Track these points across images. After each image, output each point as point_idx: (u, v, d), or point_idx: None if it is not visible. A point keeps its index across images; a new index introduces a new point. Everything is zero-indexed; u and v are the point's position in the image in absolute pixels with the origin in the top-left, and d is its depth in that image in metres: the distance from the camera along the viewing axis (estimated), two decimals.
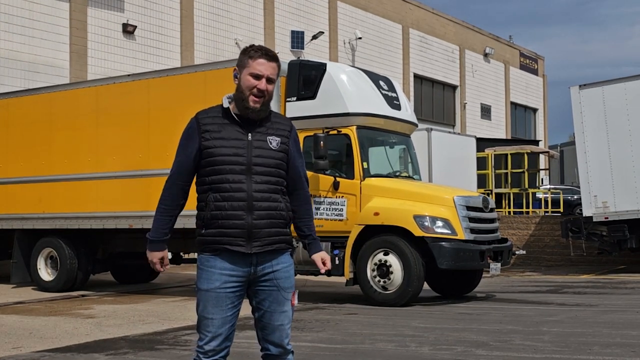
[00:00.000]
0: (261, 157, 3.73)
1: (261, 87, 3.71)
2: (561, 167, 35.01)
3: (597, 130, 16.37)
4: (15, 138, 13.84)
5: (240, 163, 3.69)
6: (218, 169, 3.71)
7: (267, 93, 3.73)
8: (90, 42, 20.15)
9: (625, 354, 6.76)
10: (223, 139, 3.72)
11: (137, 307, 10.98)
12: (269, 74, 3.72)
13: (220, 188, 3.71)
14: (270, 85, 3.74)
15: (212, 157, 3.72)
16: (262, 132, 3.77)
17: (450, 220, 10.81)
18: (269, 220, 3.72)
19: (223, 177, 3.70)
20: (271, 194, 3.74)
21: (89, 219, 12.82)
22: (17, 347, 7.57)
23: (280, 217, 3.77)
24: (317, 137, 10.84)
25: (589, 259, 18.50)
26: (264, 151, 3.74)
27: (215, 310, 3.71)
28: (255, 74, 3.71)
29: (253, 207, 3.69)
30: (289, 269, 3.84)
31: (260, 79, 3.71)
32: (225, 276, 3.71)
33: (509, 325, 8.66)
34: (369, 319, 9.55)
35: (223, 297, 3.71)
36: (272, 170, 3.75)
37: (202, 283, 3.75)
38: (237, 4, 24.80)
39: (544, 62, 45.10)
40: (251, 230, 3.69)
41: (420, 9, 34.19)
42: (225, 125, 3.75)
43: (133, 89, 12.65)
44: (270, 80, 3.73)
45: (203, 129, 3.75)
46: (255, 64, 3.72)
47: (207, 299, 3.72)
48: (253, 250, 3.71)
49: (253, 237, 3.70)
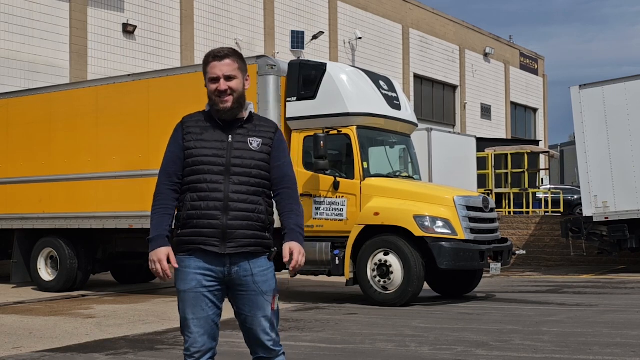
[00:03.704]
0: (240, 158, 3.74)
1: (220, 88, 3.74)
2: (561, 167, 35.03)
3: (598, 130, 16.36)
4: (15, 138, 13.84)
5: (219, 164, 3.72)
6: (197, 169, 3.74)
7: (230, 90, 3.75)
8: (90, 42, 20.14)
9: (625, 354, 6.76)
10: (204, 141, 3.77)
11: (137, 307, 10.98)
12: (224, 73, 3.75)
13: (197, 188, 3.73)
14: (230, 81, 3.76)
15: (193, 158, 3.76)
16: (243, 133, 3.80)
17: (451, 220, 10.81)
18: (245, 222, 3.70)
19: (201, 177, 3.73)
20: (249, 196, 3.73)
21: (89, 219, 12.82)
22: (17, 347, 7.58)
23: (258, 220, 3.74)
24: (317, 137, 10.83)
25: (589, 259, 18.49)
26: (244, 152, 3.75)
27: (196, 311, 3.72)
28: (212, 77, 3.77)
29: (229, 207, 3.68)
30: (268, 273, 3.79)
31: (218, 81, 3.75)
32: (200, 275, 3.72)
33: (509, 325, 8.66)
34: (369, 319, 9.55)
35: (200, 297, 3.72)
36: (252, 171, 3.75)
37: (179, 284, 3.77)
38: (237, 4, 24.79)
39: (544, 62, 45.10)
40: (226, 230, 3.68)
41: (420, 9, 34.18)
42: (207, 127, 3.80)
43: (133, 89, 12.65)
44: (228, 78, 3.75)
45: (186, 132, 3.81)
46: (209, 68, 3.78)
47: (186, 300, 3.73)
48: (227, 251, 3.70)
49: (227, 237, 3.69)
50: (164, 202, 3.82)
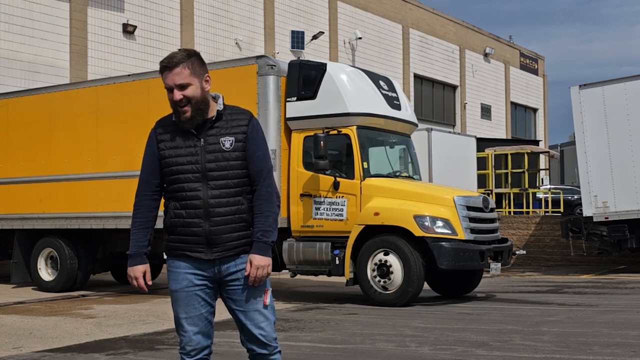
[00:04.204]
0: (214, 162, 3.69)
1: (175, 98, 3.67)
2: (561, 167, 35.03)
3: (597, 130, 16.36)
4: (15, 138, 13.84)
5: (195, 171, 3.69)
6: (175, 179, 3.74)
7: (186, 99, 3.66)
8: (90, 42, 20.14)
9: (625, 354, 6.76)
10: (177, 148, 3.73)
11: (137, 307, 10.98)
12: (175, 82, 3.65)
13: (177, 197, 3.73)
14: (184, 90, 3.65)
15: (169, 167, 3.74)
16: (215, 134, 3.72)
17: (451, 220, 10.81)
18: (227, 226, 3.70)
19: (179, 187, 3.72)
20: (229, 198, 3.70)
21: (89, 219, 12.82)
22: (18, 347, 7.58)
23: (241, 221, 3.73)
24: (317, 137, 10.83)
25: (589, 259, 18.49)
26: (217, 155, 3.70)
27: (188, 309, 3.76)
28: (167, 88, 3.70)
29: (210, 214, 3.68)
30: None
31: (172, 91, 3.68)
32: (191, 275, 3.76)
33: (509, 325, 8.66)
34: (369, 319, 9.55)
35: (192, 295, 3.76)
36: (229, 173, 3.71)
37: (171, 284, 3.83)
38: (237, 4, 24.79)
39: (544, 62, 45.10)
40: (209, 237, 3.69)
41: (420, 9, 34.18)
42: (178, 132, 3.74)
43: (133, 89, 12.65)
44: (181, 87, 3.65)
45: (159, 139, 3.78)
46: (163, 79, 3.71)
47: (178, 299, 3.79)
48: (213, 256, 3.71)
49: (212, 243, 3.70)
50: (143, 215, 3.84)
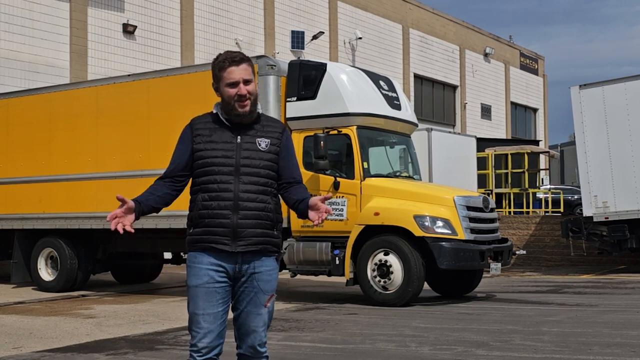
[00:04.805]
0: (249, 159, 3.81)
1: (241, 92, 3.81)
2: (561, 167, 35.01)
3: (597, 130, 16.36)
4: (16, 138, 13.84)
5: (229, 165, 3.79)
6: (207, 171, 3.81)
7: (249, 94, 3.82)
8: (90, 42, 20.15)
9: (625, 354, 6.76)
10: (213, 142, 3.83)
11: (137, 307, 10.98)
12: (243, 77, 3.81)
13: (208, 188, 3.80)
14: (248, 85, 3.82)
15: (203, 160, 3.82)
16: (252, 134, 3.86)
17: (451, 220, 10.81)
18: (254, 221, 3.78)
19: (211, 178, 3.80)
20: (259, 195, 3.80)
21: (89, 219, 12.82)
22: (18, 347, 7.58)
23: (267, 219, 3.82)
24: (317, 137, 10.83)
25: (589, 259, 18.49)
26: (252, 153, 3.82)
27: (206, 306, 3.78)
28: (231, 82, 3.81)
29: (239, 206, 3.76)
30: (272, 273, 3.87)
31: (237, 85, 3.81)
32: (212, 271, 3.78)
33: (509, 325, 8.66)
34: (369, 319, 9.55)
35: (212, 292, 3.78)
36: (261, 171, 3.82)
37: (191, 280, 3.84)
38: (237, 4, 24.79)
39: (544, 62, 45.11)
40: (236, 229, 3.76)
41: (420, 9, 34.18)
42: (215, 129, 3.86)
43: (133, 89, 12.64)
44: (246, 82, 3.82)
45: (195, 133, 3.88)
46: (227, 73, 3.82)
47: (197, 295, 3.80)
48: (237, 249, 3.77)
49: (238, 236, 3.76)
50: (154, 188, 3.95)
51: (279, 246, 3.90)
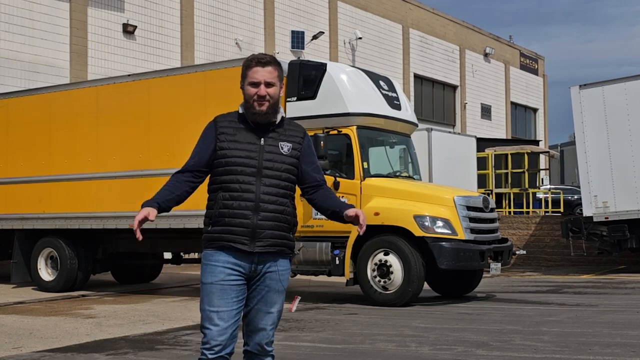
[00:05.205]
0: (272, 162, 3.86)
1: (260, 93, 3.84)
2: (561, 167, 35.03)
3: (597, 130, 16.37)
4: (15, 138, 13.84)
5: (252, 166, 3.83)
6: (230, 170, 3.84)
7: (269, 96, 3.85)
8: (90, 42, 20.15)
9: (625, 354, 6.76)
10: (237, 142, 3.87)
11: (137, 307, 10.98)
12: (265, 79, 3.85)
13: (230, 188, 3.84)
14: (270, 88, 3.86)
15: (225, 159, 3.86)
16: (275, 137, 3.91)
17: (451, 220, 10.81)
18: (273, 223, 3.83)
19: (234, 178, 3.83)
20: (279, 198, 3.86)
21: (89, 219, 12.82)
22: (18, 347, 7.58)
23: (285, 221, 3.88)
24: (317, 137, 10.82)
25: (589, 259, 18.49)
26: (275, 156, 3.87)
27: (221, 303, 3.78)
28: (253, 82, 3.85)
29: (260, 208, 3.81)
30: (285, 273, 3.94)
31: (259, 86, 3.85)
32: (229, 269, 3.81)
33: (509, 325, 8.66)
34: (369, 319, 9.55)
35: (227, 289, 3.80)
36: (282, 174, 3.88)
37: (206, 277, 3.84)
38: (237, 4, 24.79)
39: (544, 62, 45.11)
40: (255, 230, 3.80)
41: (420, 9, 34.19)
42: (240, 129, 3.91)
43: (133, 89, 12.64)
44: (268, 84, 3.85)
45: (219, 131, 3.91)
46: (251, 72, 3.87)
47: (212, 292, 3.80)
48: (255, 249, 3.81)
49: (257, 236, 3.81)
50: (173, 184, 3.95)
51: (293, 248, 3.97)
